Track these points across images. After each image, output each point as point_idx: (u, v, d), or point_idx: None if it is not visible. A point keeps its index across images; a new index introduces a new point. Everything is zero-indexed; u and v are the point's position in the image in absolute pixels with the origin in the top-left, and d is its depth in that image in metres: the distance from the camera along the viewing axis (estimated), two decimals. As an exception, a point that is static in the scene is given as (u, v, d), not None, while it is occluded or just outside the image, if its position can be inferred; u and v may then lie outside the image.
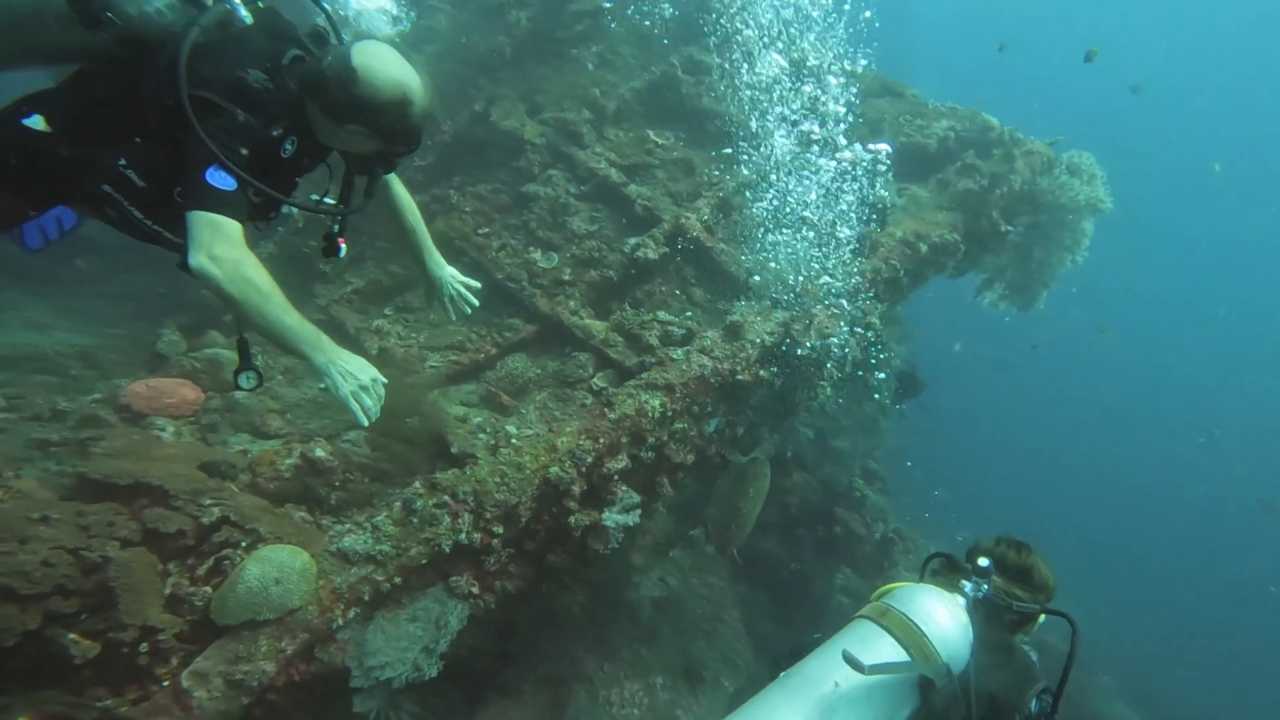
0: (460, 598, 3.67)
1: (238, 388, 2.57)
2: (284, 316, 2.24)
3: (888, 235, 4.90)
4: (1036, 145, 5.80)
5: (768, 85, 5.37)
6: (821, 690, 1.83)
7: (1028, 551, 2.41)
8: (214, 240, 2.12)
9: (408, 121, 2.44)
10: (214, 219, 2.14)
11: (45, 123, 2.30)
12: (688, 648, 6.42)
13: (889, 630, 1.95)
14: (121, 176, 2.28)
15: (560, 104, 6.36)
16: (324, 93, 2.34)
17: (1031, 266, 6.35)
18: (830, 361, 4.26)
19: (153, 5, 2.22)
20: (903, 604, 2.02)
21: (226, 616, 3.18)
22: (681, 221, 5.42)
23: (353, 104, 2.34)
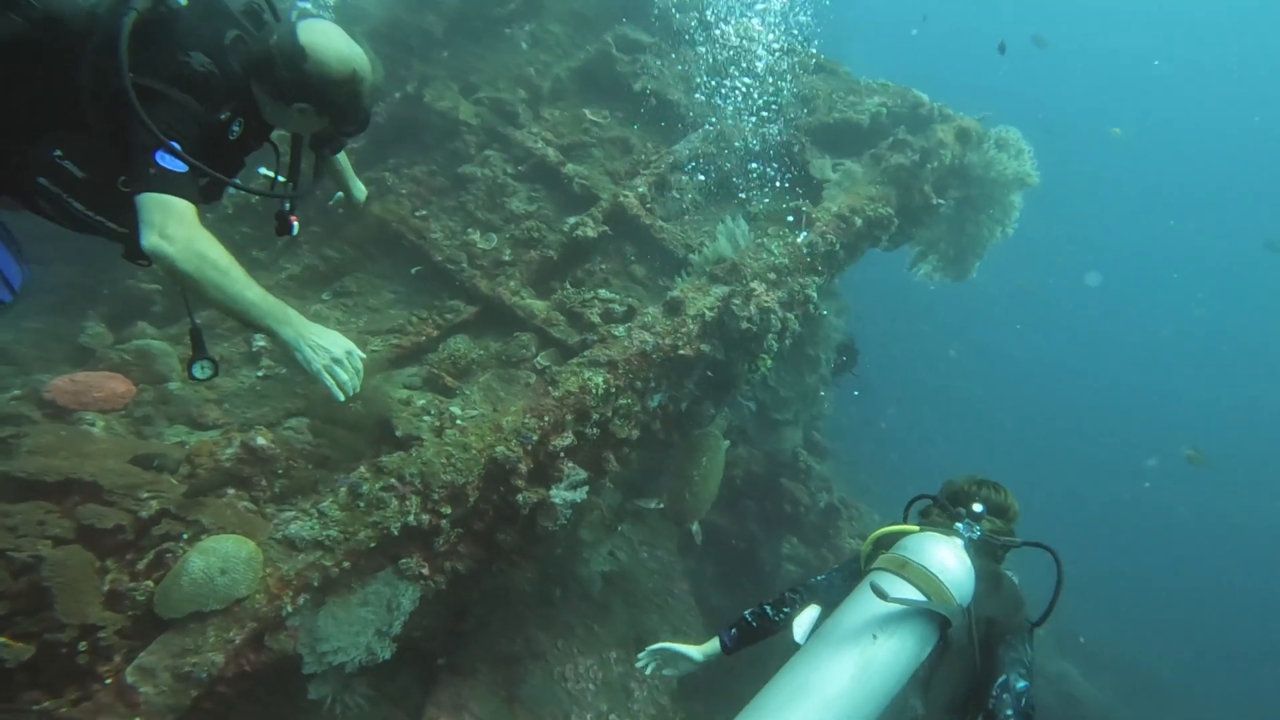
0: (411, 580, 3.68)
1: (192, 377, 2.50)
2: (245, 291, 2.16)
3: (823, 210, 5.02)
4: (965, 120, 5.99)
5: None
6: (862, 643, 2.05)
7: (1003, 490, 2.67)
8: (166, 220, 2.06)
9: (357, 100, 2.41)
10: (164, 199, 2.07)
11: None
12: (639, 621, 6.52)
13: (910, 581, 2.17)
14: (58, 168, 2.19)
15: (495, 84, 6.30)
16: (271, 73, 2.29)
17: (963, 239, 6.57)
18: (770, 334, 4.36)
19: None
20: (917, 554, 2.25)
21: (171, 610, 3.14)
22: (620, 200, 5.45)
23: (301, 83, 2.30)
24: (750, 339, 4.38)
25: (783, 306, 4.48)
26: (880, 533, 2.58)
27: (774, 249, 4.70)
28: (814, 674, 2.00)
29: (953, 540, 2.35)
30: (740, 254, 4.73)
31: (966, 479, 2.70)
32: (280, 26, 2.35)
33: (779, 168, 5.56)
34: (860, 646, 2.04)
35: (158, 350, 4.69)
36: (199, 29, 2.27)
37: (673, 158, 5.75)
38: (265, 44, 2.30)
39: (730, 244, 4.82)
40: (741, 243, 4.86)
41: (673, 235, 5.36)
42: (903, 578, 2.18)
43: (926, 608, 2.12)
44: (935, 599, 2.14)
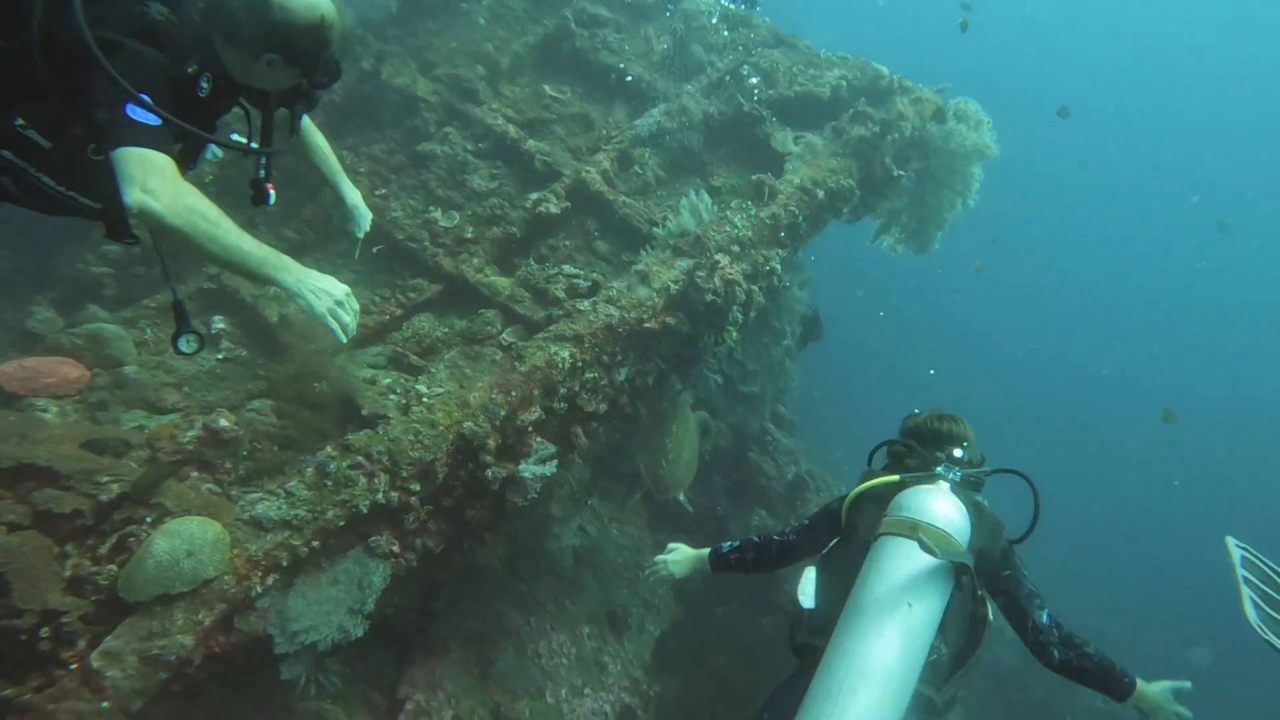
0: (381, 557, 3.66)
1: (178, 352, 2.42)
2: (240, 242, 2.10)
3: (786, 183, 5.05)
4: (925, 92, 6.06)
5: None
6: (899, 613, 2.23)
7: (960, 421, 2.87)
8: (146, 174, 1.95)
9: (326, 48, 2.34)
10: (142, 153, 1.96)
11: None
12: (611, 596, 6.58)
13: (925, 542, 2.30)
14: (21, 139, 2.07)
15: (453, 60, 6.21)
16: (234, 24, 2.20)
17: (925, 210, 6.66)
18: (735, 306, 4.40)
19: None
20: (921, 513, 2.41)
21: (136, 593, 3.09)
22: (582, 175, 5.43)
23: (268, 34, 2.22)
24: (715, 311, 4.42)
25: (747, 279, 4.51)
26: (864, 487, 2.73)
27: (737, 221, 4.73)
28: (866, 652, 2.17)
29: (942, 488, 2.52)
30: (704, 227, 4.75)
31: (926, 414, 2.87)
32: None
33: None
34: (899, 617, 2.22)
35: (111, 334, 4.57)
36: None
37: (634, 133, 5.73)
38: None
39: (693, 217, 4.84)
40: (705, 216, 4.88)
41: (636, 210, 5.36)
42: (917, 540, 2.31)
43: (952, 559, 2.29)
44: (953, 553, 2.32)
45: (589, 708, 5.71)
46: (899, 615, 2.22)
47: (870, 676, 2.11)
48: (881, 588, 2.28)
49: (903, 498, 2.50)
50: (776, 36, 6.44)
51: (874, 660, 2.14)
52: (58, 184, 2.15)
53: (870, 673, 2.12)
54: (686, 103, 5.75)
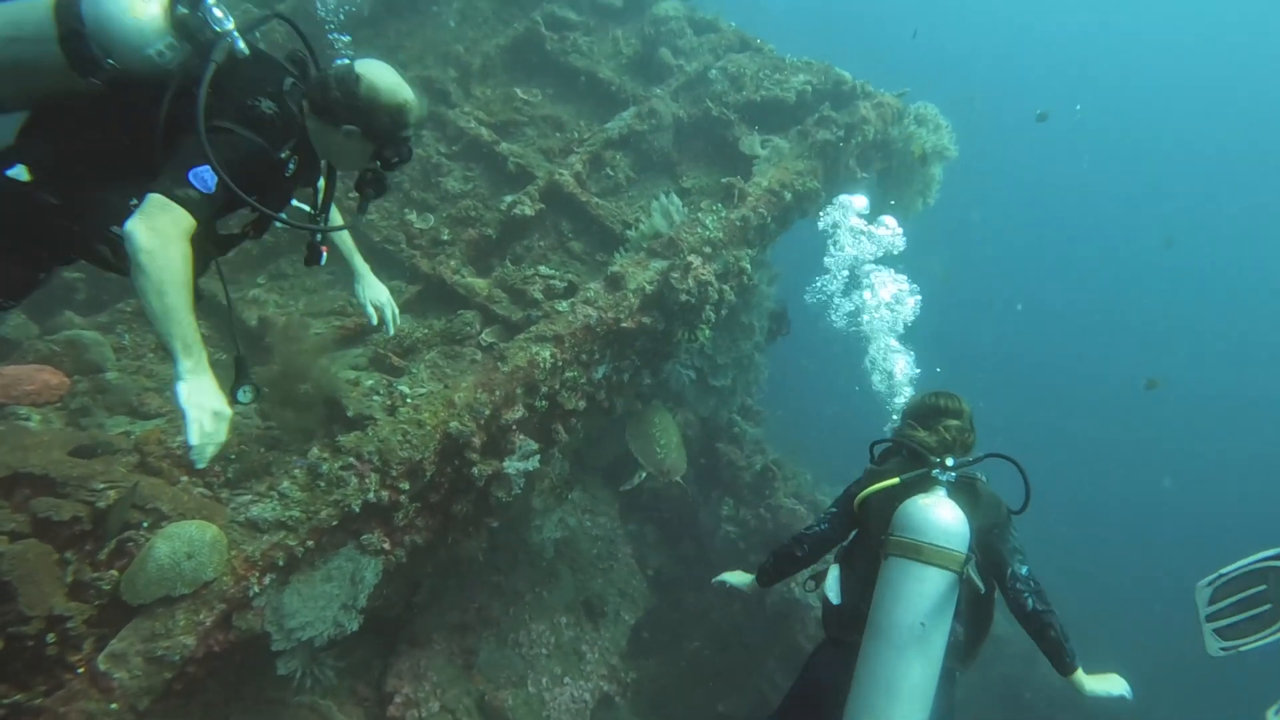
0: (372, 554, 3.80)
1: (235, 402, 2.46)
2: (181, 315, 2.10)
3: (754, 185, 5.26)
4: (886, 97, 6.31)
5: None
6: (916, 633, 2.58)
7: (957, 397, 3.13)
8: (159, 216, 2.06)
9: (403, 129, 2.53)
10: (172, 205, 2.09)
11: (28, 172, 2.22)
12: (586, 585, 6.76)
13: (932, 563, 2.62)
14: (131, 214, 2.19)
15: (423, 61, 6.29)
16: (325, 95, 2.39)
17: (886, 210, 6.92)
18: (708, 305, 4.59)
19: (154, 48, 2.22)
20: (924, 533, 2.66)
21: (139, 596, 3.18)
22: (555, 177, 5.57)
23: (352, 105, 2.41)
24: (689, 310, 4.61)
25: (719, 278, 4.71)
26: (868, 492, 2.96)
27: (708, 223, 4.92)
28: (893, 674, 2.57)
29: (939, 496, 2.78)
30: (676, 229, 4.93)
31: (927, 394, 3.14)
32: (337, 64, 2.49)
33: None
34: (916, 638, 2.57)
35: (89, 340, 4.60)
36: (262, 76, 2.38)
37: (605, 135, 5.88)
38: (322, 74, 2.45)
39: (665, 219, 5.02)
40: (676, 218, 5.06)
41: (609, 211, 5.52)
42: (923, 562, 2.63)
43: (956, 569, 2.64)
44: (956, 562, 2.63)
45: (569, 695, 5.90)
46: (916, 636, 2.57)
47: (901, 695, 2.54)
48: (897, 613, 2.62)
49: (906, 514, 2.74)
50: (743, 41, 6.63)
51: (902, 680, 2.55)
52: (92, 240, 2.32)
53: (901, 692, 2.54)
54: (656, 105, 5.91)
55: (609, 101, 6.26)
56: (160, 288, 2.05)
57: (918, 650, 2.57)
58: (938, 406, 3.10)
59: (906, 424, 3.17)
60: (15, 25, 2.16)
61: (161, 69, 2.24)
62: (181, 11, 2.24)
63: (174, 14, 2.24)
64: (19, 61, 2.18)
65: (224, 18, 2.28)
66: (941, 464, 2.88)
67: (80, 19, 2.16)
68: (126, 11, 2.19)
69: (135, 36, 2.20)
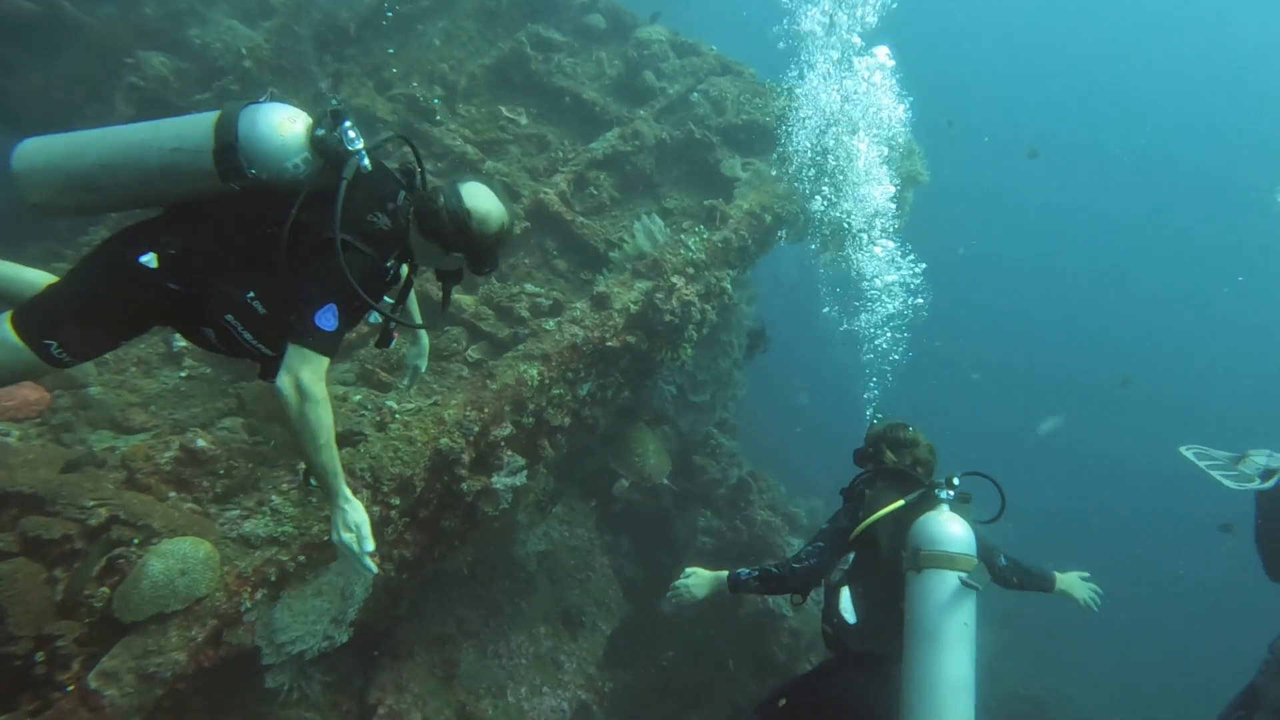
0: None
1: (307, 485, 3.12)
2: (327, 456, 2.52)
3: (735, 208, 5.42)
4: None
5: None
6: (961, 633, 2.91)
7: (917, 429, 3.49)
8: (302, 369, 2.37)
9: (500, 249, 2.83)
10: (309, 354, 2.38)
11: (157, 260, 2.45)
12: (563, 596, 6.83)
13: (959, 569, 2.96)
14: (247, 308, 2.48)
15: (409, 80, 6.35)
16: (438, 230, 2.61)
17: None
18: (691, 325, 4.72)
19: (292, 162, 2.44)
20: (948, 543, 2.99)
21: (132, 614, 3.20)
22: (540, 196, 5.67)
23: (463, 239, 2.66)
24: (673, 330, 4.74)
25: (701, 299, 4.85)
26: (875, 519, 3.20)
27: (691, 244, 5.06)
28: (952, 671, 2.88)
29: (945, 511, 3.09)
30: (659, 249, 5.06)
31: (886, 425, 3.41)
32: (446, 190, 2.66)
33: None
34: (962, 637, 2.92)
35: (72, 354, 4.58)
36: (381, 191, 2.58)
37: (590, 155, 6.00)
38: (435, 205, 2.61)
39: (649, 240, 5.14)
40: (659, 238, 5.19)
41: (593, 230, 5.64)
42: (955, 570, 2.97)
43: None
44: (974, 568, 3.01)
45: (548, 705, 5.97)
46: (962, 636, 2.91)
47: (961, 689, 2.87)
48: (943, 617, 2.93)
49: (930, 530, 3.04)
50: (723, 64, 6.81)
51: (958, 675, 2.88)
52: (255, 339, 2.54)
53: (960, 686, 2.87)
54: (639, 127, 6.05)
55: (593, 122, 6.39)
56: (315, 440, 2.45)
57: (965, 646, 2.91)
58: (902, 438, 3.42)
59: (879, 452, 3.45)
60: (179, 138, 2.41)
61: (293, 179, 2.47)
62: (321, 133, 2.46)
63: (314, 133, 2.47)
64: (175, 167, 2.41)
65: (356, 138, 2.49)
66: (947, 483, 3.18)
67: (236, 134, 2.38)
68: (276, 130, 2.42)
69: (280, 151, 2.42)
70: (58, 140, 2.47)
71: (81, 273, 2.54)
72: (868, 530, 3.20)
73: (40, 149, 2.45)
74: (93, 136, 2.46)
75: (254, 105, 2.46)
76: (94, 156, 2.42)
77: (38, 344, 2.42)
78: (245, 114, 2.42)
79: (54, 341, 2.44)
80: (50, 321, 2.45)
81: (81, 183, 2.44)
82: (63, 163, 2.43)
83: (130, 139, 2.43)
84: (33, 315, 2.47)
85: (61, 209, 2.55)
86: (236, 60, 5.69)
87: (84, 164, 2.42)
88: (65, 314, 2.46)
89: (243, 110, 2.43)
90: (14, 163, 2.44)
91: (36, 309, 2.49)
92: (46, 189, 2.46)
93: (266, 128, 2.41)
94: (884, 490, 3.28)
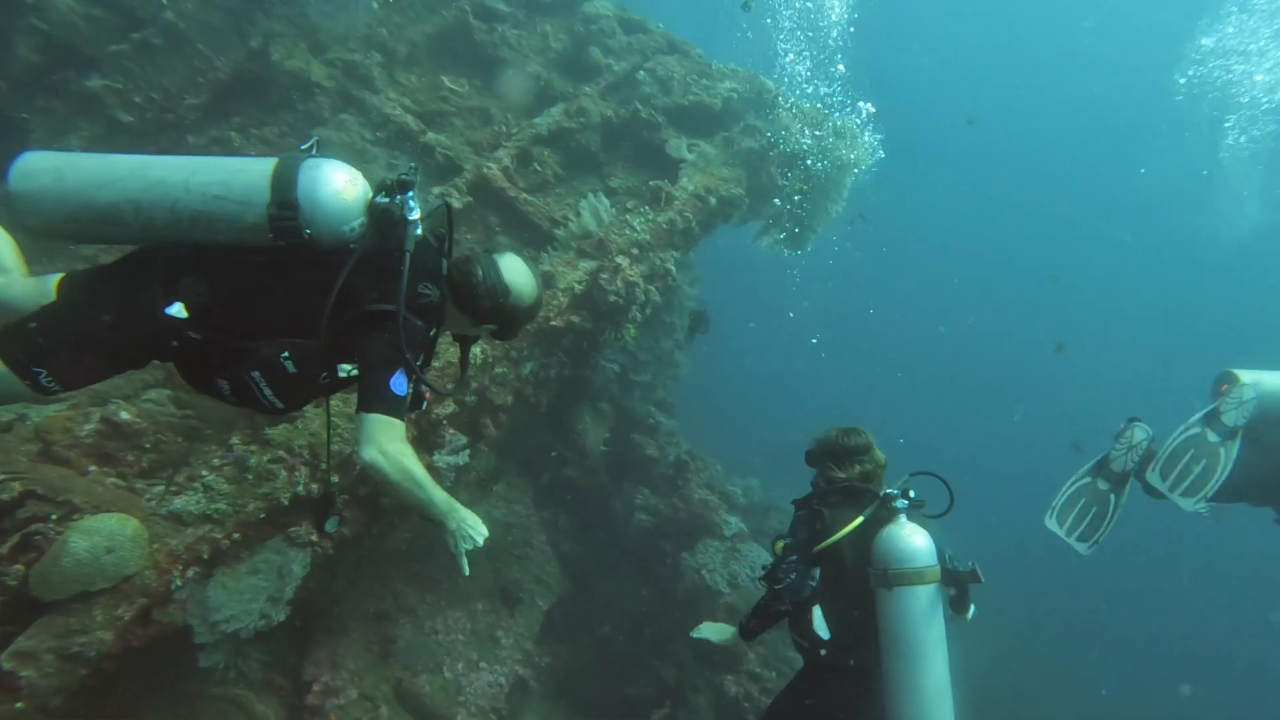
0: (300, 546, 3.79)
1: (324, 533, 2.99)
2: (431, 495, 2.46)
3: (680, 190, 5.45)
4: (806, 107, 6.61)
5: None
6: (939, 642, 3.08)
7: (861, 432, 3.52)
8: (384, 438, 2.31)
9: (528, 321, 2.87)
10: (388, 421, 2.33)
11: (183, 309, 2.31)
12: (502, 572, 6.85)
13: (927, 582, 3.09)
14: (276, 367, 2.34)
15: (345, 44, 6.14)
16: (475, 303, 2.63)
17: (802, 215, 7.26)
18: (635, 305, 4.76)
19: (349, 225, 2.36)
20: (914, 560, 3.10)
21: (52, 592, 3.09)
22: (484, 171, 5.59)
23: (499, 313, 2.68)
24: (617, 310, 4.76)
25: (645, 280, 4.88)
26: (838, 538, 3.25)
27: (636, 225, 5.08)
28: (933, 679, 3.05)
29: (905, 524, 3.18)
30: (605, 229, 5.07)
31: (840, 432, 3.42)
32: (485, 263, 2.65)
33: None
34: (938, 645, 3.08)
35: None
36: (427, 261, 2.54)
37: (534, 130, 5.93)
38: (474, 279, 2.61)
39: (594, 220, 5.14)
40: (605, 218, 5.20)
41: (537, 207, 5.59)
42: (924, 584, 3.08)
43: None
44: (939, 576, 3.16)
45: (485, 680, 5.99)
46: (936, 643, 3.07)
47: (942, 693, 3.05)
48: (920, 631, 3.06)
49: (893, 547, 3.13)
50: (670, 43, 6.79)
51: (936, 680, 3.05)
52: (274, 396, 2.41)
53: (939, 693, 3.05)
54: (585, 104, 6.01)
55: (537, 95, 6.31)
56: (413, 494, 2.40)
57: (941, 653, 3.08)
58: (850, 445, 3.45)
59: (827, 468, 3.46)
60: (225, 185, 2.27)
61: (343, 241, 2.39)
62: (383, 200, 2.40)
63: (374, 199, 2.41)
64: (215, 216, 2.27)
65: (415, 207, 2.43)
66: (904, 493, 3.26)
67: (295, 191, 2.27)
68: (339, 194, 2.33)
69: (339, 215, 2.34)
70: (71, 164, 2.27)
71: (84, 305, 2.34)
72: (832, 547, 3.26)
73: (49, 171, 2.24)
74: (121, 168, 2.27)
75: (312, 161, 2.36)
76: (120, 191, 2.24)
77: (26, 371, 2.23)
78: (305, 171, 2.30)
79: (44, 370, 2.25)
80: (42, 349, 2.25)
81: (99, 215, 2.24)
82: (79, 192, 2.23)
83: (169, 179, 2.26)
84: (22, 340, 2.27)
85: (60, 236, 2.36)
86: (158, 11, 5.39)
87: (108, 197, 2.23)
88: (61, 343, 2.28)
89: (302, 166, 2.32)
90: (13, 181, 2.21)
91: (27, 334, 2.28)
92: (51, 215, 2.24)
93: (330, 190, 2.32)
94: (842, 508, 3.34)
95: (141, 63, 5.38)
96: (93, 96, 5.20)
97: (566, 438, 5.70)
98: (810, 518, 3.36)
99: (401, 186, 2.42)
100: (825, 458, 3.51)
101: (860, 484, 3.38)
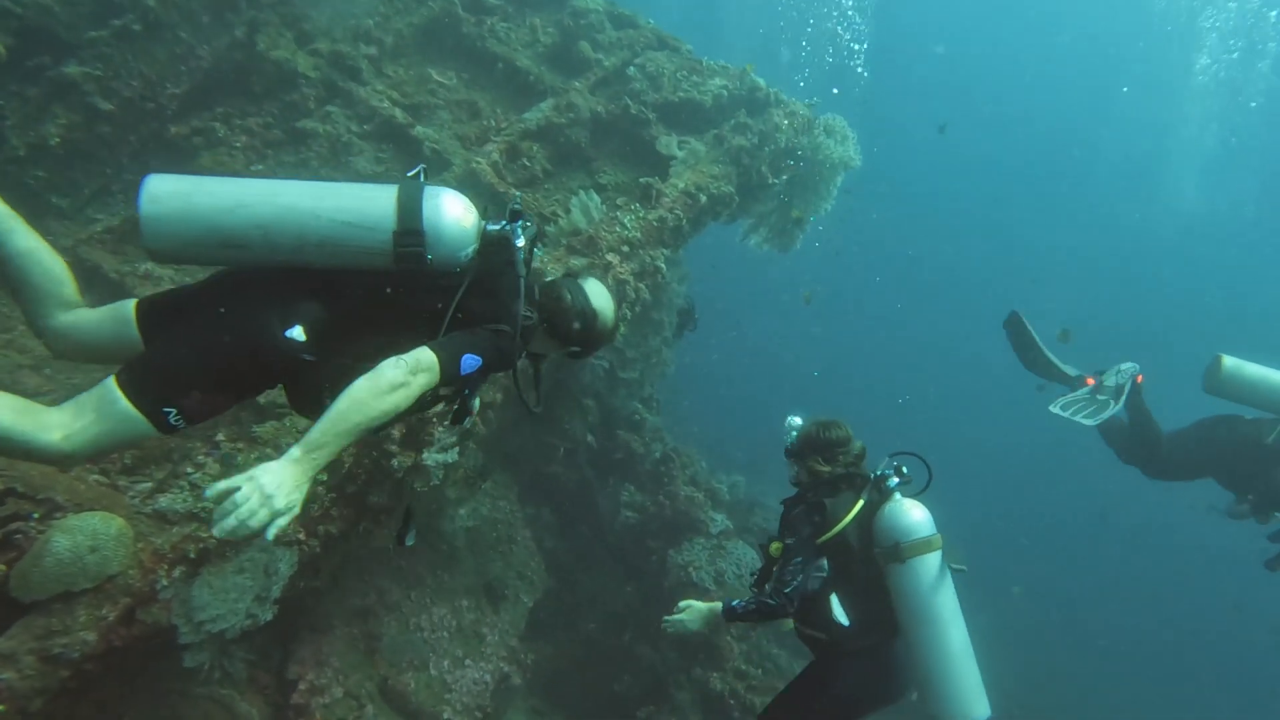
0: (286, 544, 3.74)
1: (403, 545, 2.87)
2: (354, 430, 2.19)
3: (671, 186, 5.43)
4: (798, 106, 6.62)
5: None
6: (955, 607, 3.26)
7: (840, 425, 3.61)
8: (423, 370, 2.26)
9: (610, 343, 3.00)
10: (435, 368, 2.28)
11: (303, 332, 2.34)
12: (486, 569, 6.82)
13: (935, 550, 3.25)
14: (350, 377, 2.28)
15: (331, 34, 6.05)
16: (565, 326, 2.73)
17: (790, 214, 7.27)
18: (624, 303, 4.74)
19: (465, 252, 2.45)
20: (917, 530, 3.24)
21: (33, 592, 3.03)
22: (472, 166, 5.54)
23: (585, 337, 2.80)
24: (606, 307, 4.73)
25: (636, 277, 4.87)
26: (846, 522, 3.35)
27: (627, 222, 5.06)
28: (955, 641, 3.22)
29: (902, 500, 3.32)
30: (595, 226, 5.04)
31: (819, 426, 3.46)
32: (573, 289, 2.78)
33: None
34: (954, 608, 3.26)
35: (-46, 314, 4.24)
36: (530, 287, 2.63)
37: (523, 125, 5.89)
38: (565, 304, 2.73)
39: (584, 216, 5.12)
40: (595, 215, 5.17)
41: (526, 203, 5.55)
42: (932, 551, 3.23)
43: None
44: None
45: (471, 677, 5.97)
46: (952, 607, 3.24)
47: (963, 654, 3.23)
48: (937, 599, 3.21)
49: (896, 521, 3.27)
50: (660, 39, 6.76)
51: (958, 644, 3.22)
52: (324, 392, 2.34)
53: (963, 652, 3.23)
54: (574, 99, 5.97)
55: (526, 91, 6.26)
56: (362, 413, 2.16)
57: (958, 615, 3.25)
58: (831, 438, 3.53)
59: (814, 463, 3.52)
60: (358, 213, 2.32)
61: (454, 267, 2.46)
62: (495, 227, 2.54)
63: (486, 227, 2.54)
64: (340, 241, 2.32)
65: (522, 235, 2.57)
66: (898, 471, 3.41)
67: (421, 219, 2.34)
68: (459, 221, 2.42)
69: (459, 241, 2.42)
70: (199, 188, 2.26)
71: (210, 339, 2.28)
72: (838, 535, 3.32)
73: (178, 194, 2.23)
74: (249, 193, 2.28)
75: (431, 189, 2.42)
76: (248, 217, 2.24)
77: (156, 412, 2.17)
78: (428, 198, 2.38)
79: (174, 409, 2.20)
80: (173, 388, 2.20)
81: (225, 240, 2.24)
82: (206, 216, 2.22)
83: (298, 205, 2.28)
84: (149, 380, 2.20)
85: (179, 260, 2.34)
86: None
87: (235, 222, 2.24)
88: (195, 382, 2.23)
89: (424, 193, 2.39)
90: (144, 206, 2.21)
91: (153, 373, 2.22)
92: (177, 239, 2.22)
93: (452, 218, 2.40)
94: (842, 495, 3.42)
95: (121, 49, 5.26)
96: (70, 84, 5.07)
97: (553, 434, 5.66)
98: (810, 511, 3.40)
99: (513, 216, 2.56)
100: (808, 452, 3.57)
101: (853, 472, 3.49)
